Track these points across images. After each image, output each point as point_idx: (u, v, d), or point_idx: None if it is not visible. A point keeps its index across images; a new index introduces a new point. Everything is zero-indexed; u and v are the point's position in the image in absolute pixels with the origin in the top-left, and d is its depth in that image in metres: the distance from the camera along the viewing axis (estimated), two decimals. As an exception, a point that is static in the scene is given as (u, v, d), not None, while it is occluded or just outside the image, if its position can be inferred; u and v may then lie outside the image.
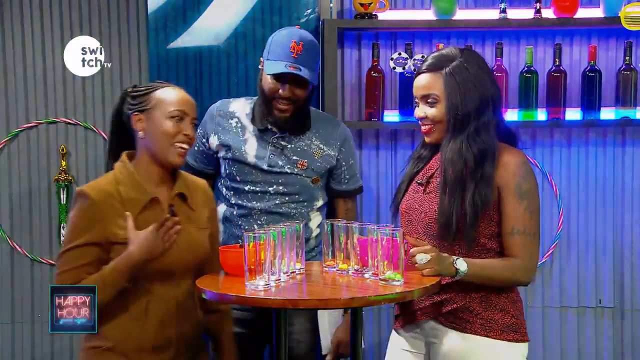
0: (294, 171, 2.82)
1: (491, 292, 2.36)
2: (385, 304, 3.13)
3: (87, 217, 2.25)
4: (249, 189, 2.82)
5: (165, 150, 2.33)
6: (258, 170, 2.82)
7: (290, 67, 2.72)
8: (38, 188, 3.58)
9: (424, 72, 2.41)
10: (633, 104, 3.46)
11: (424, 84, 2.41)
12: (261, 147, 2.83)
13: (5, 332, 3.60)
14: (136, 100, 2.37)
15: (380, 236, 2.17)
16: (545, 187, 3.62)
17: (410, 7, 3.61)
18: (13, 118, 3.56)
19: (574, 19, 3.44)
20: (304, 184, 2.84)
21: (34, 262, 3.59)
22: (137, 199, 2.31)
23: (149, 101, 2.35)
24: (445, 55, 2.40)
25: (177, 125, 2.33)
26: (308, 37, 2.80)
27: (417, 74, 2.45)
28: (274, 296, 2.08)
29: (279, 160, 2.82)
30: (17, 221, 3.58)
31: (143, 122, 2.34)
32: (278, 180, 2.82)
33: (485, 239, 2.36)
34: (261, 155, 2.82)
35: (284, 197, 2.82)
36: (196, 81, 3.54)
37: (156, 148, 2.34)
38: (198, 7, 3.53)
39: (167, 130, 2.32)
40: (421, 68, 2.43)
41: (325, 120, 2.95)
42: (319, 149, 2.86)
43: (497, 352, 2.35)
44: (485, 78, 2.38)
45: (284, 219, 2.77)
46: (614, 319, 3.67)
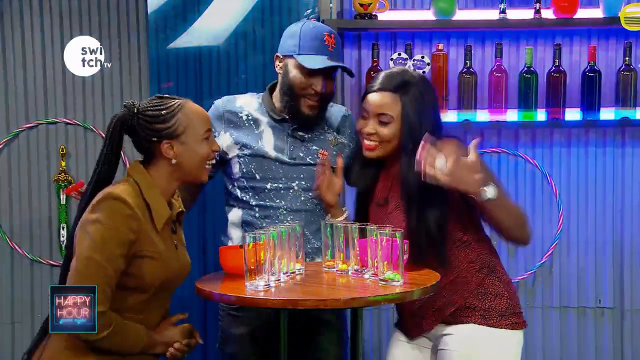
0: (316, 161, 2.68)
1: (483, 280, 2.45)
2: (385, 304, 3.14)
3: (127, 225, 2.18)
4: (271, 187, 2.66)
5: (199, 171, 2.32)
6: (280, 164, 2.66)
7: (330, 61, 2.62)
8: (38, 188, 3.58)
9: (381, 90, 2.47)
10: (633, 104, 3.47)
11: (380, 103, 2.47)
12: (279, 139, 2.68)
13: (5, 332, 3.60)
14: (160, 126, 2.26)
15: (380, 237, 2.17)
16: (545, 187, 3.63)
17: (410, 8, 3.61)
18: (13, 118, 3.56)
19: (574, 19, 3.44)
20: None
21: (34, 262, 3.59)
22: (162, 214, 2.28)
23: (176, 126, 2.26)
24: (403, 78, 2.47)
25: (208, 145, 2.32)
26: (334, 31, 2.72)
27: (373, 90, 2.50)
28: (273, 296, 2.08)
29: (300, 152, 2.68)
30: (16, 221, 3.58)
31: (174, 149, 2.27)
32: (300, 175, 2.67)
33: (461, 232, 2.45)
34: (281, 148, 2.67)
35: (308, 193, 2.66)
36: (196, 81, 3.54)
37: (190, 171, 2.31)
38: (198, 7, 3.53)
39: (204, 154, 2.31)
40: (376, 85, 2.49)
41: (332, 108, 2.83)
42: (334, 137, 2.76)
43: (497, 340, 2.43)
44: (436, 105, 2.49)
45: (310, 215, 2.66)
46: (614, 319, 3.67)
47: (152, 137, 2.26)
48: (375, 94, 2.48)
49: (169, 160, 2.28)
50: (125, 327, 2.21)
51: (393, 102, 2.45)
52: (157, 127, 2.26)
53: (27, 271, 3.59)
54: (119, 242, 2.16)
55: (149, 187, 2.26)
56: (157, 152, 2.28)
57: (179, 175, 2.31)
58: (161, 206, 2.27)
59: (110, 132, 2.30)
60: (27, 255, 3.58)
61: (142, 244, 2.21)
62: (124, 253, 2.17)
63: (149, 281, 2.23)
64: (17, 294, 3.59)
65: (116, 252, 2.15)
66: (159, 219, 2.25)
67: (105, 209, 2.17)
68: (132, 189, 2.23)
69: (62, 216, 3.55)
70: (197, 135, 2.29)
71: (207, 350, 3.58)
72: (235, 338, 2.71)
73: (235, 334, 2.71)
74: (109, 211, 2.17)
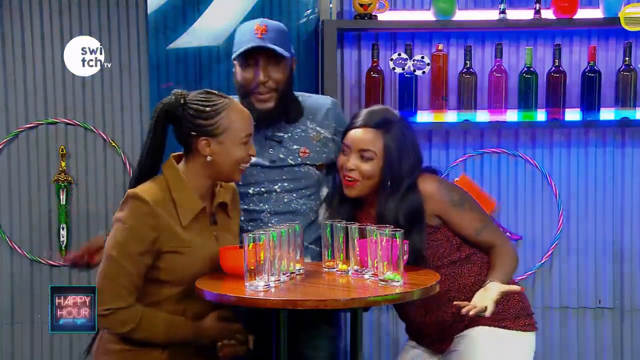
0: (297, 161, 2.68)
1: None
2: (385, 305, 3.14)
3: (146, 223, 2.22)
4: (254, 191, 2.67)
5: (232, 172, 2.34)
6: (260, 168, 2.66)
7: (256, 42, 2.56)
8: (38, 188, 3.58)
9: (364, 126, 2.50)
10: (632, 104, 3.46)
11: (364, 139, 2.50)
12: (257, 144, 2.59)
13: (5, 332, 3.60)
14: (201, 122, 2.29)
15: (380, 237, 2.17)
16: (545, 187, 3.63)
17: (410, 8, 3.61)
18: (13, 118, 3.56)
19: (574, 19, 3.44)
20: (309, 174, 2.70)
21: (34, 263, 3.59)
22: (190, 207, 2.30)
23: (217, 125, 2.28)
24: (385, 116, 2.52)
25: (246, 149, 2.34)
26: (272, 21, 2.67)
27: (356, 126, 2.52)
28: (273, 297, 2.08)
29: (280, 154, 2.68)
30: (16, 222, 3.58)
31: (211, 146, 2.29)
32: (282, 177, 2.68)
33: (457, 252, 2.50)
34: (260, 152, 2.64)
35: (291, 194, 2.68)
36: (196, 81, 3.54)
37: (223, 170, 2.33)
38: (198, 7, 3.53)
39: (239, 157, 2.32)
40: (359, 121, 2.52)
41: (316, 102, 2.79)
42: (316, 132, 2.72)
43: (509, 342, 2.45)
44: (416, 143, 2.54)
45: (295, 216, 2.66)
46: (614, 320, 3.67)
47: (192, 131, 2.29)
48: (359, 130, 2.51)
49: (204, 157, 2.30)
50: (155, 320, 2.26)
51: (375, 138, 2.48)
52: (198, 122, 2.29)
53: (27, 271, 3.59)
54: (139, 241, 2.22)
55: (177, 182, 2.30)
56: (194, 147, 2.31)
57: (211, 173, 2.33)
58: (189, 201, 2.30)
59: (155, 119, 2.33)
60: (27, 255, 3.57)
61: (166, 240, 2.25)
62: (146, 250, 2.23)
63: (179, 274, 2.28)
64: (17, 294, 3.59)
65: (136, 250, 2.22)
66: (186, 214, 2.29)
67: (126, 208, 2.24)
68: (158, 186, 2.29)
69: (62, 216, 3.55)
70: (236, 138, 2.30)
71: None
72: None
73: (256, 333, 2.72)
74: (129, 210, 2.23)
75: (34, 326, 3.60)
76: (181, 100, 2.30)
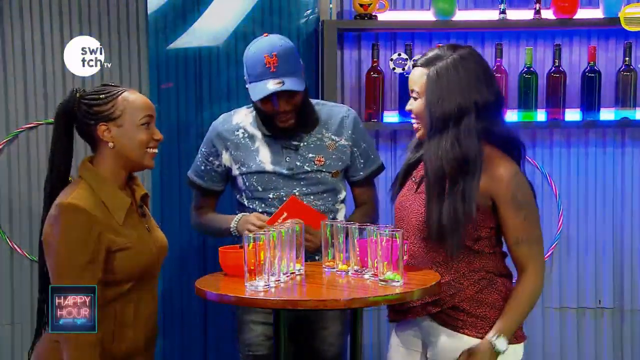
0: (313, 168, 2.76)
1: (481, 290, 2.37)
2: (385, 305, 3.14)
3: (89, 231, 2.18)
4: (274, 196, 2.76)
5: (140, 157, 2.31)
6: (278, 176, 2.76)
7: (273, 84, 2.63)
8: (38, 188, 3.58)
9: (415, 66, 2.42)
10: (632, 104, 3.47)
11: (411, 78, 2.42)
12: (274, 152, 2.77)
13: (5, 332, 3.60)
14: (97, 109, 2.28)
15: (380, 237, 2.17)
16: (545, 187, 3.63)
17: (410, 8, 3.62)
18: (13, 118, 3.56)
19: (574, 19, 3.44)
20: (325, 181, 2.79)
21: (34, 263, 3.58)
22: (120, 204, 2.28)
23: (113, 109, 2.28)
24: (438, 53, 2.38)
25: (147, 132, 2.31)
26: (278, 43, 2.69)
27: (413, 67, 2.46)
28: (273, 297, 2.08)
29: (296, 161, 2.76)
30: (16, 222, 3.58)
31: (111, 132, 2.28)
32: (300, 183, 2.76)
33: (471, 242, 2.36)
34: (278, 161, 2.76)
35: (309, 197, 2.76)
36: (196, 82, 3.54)
37: (130, 155, 2.30)
38: (198, 7, 3.53)
39: (141, 140, 2.29)
40: (416, 62, 2.44)
41: (332, 110, 2.86)
42: (332, 140, 2.80)
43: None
44: (476, 82, 2.32)
45: None
46: (614, 320, 3.67)
47: (90, 120, 2.28)
48: (412, 71, 2.44)
49: (109, 147, 2.28)
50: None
51: (420, 77, 2.37)
52: (95, 110, 2.28)
53: (27, 271, 3.59)
54: (84, 251, 2.17)
55: (99, 183, 2.27)
56: (97, 138, 2.29)
57: (122, 162, 2.30)
58: (117, 199, 2.28)
59: (55, 120, 2.34)
60: (27, 256, 3.57)
61: (111, 240, 2.22)
62: (95, 257, 2.18)
63: (128, 271, 2.25)
64: (17, 294, 3.59)
65: (84, 261, 2.16)
66: (118, 212, 2.26)
67: (61, 222, 2.17)
68: (84, 190, 2.24)
69: (62, 216, 3.55)
70: (134, 119, 2.28)
71: (207, 350, 3.59)
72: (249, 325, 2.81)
73: (249, 320, 2.81)
74: (65, 224, 2.17)
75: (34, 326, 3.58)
76: (76, 95, 2.31)
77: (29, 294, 3.59)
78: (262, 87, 2.65)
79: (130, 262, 2.25)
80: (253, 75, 2.70)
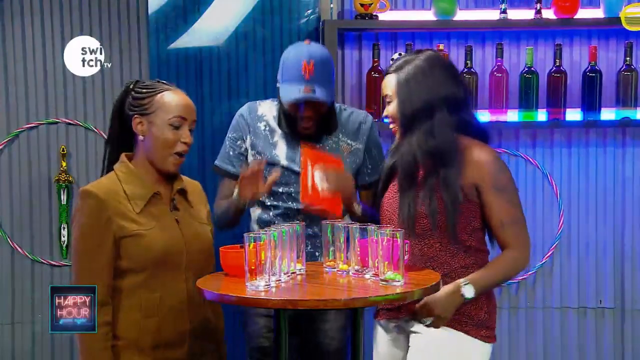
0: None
1: None
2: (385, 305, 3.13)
3: (97, 216, 2.26)
4: (284, 191, 2.78)
5: (163, 158, 2.35)
6: (291, 173, 2.77)
7: (304, 91, 2.65)
8: (38, 188, 3.58)
9: (388, 74, 2.52)
10: (633, 104, 3.47)
11: (384, 85, 2.54)
12: (291, 149, 2.79)
13: (5, 332, 3.59)
14: (138, 102, 2.36)
15: (381, 237, 2.17)
16: (546, 187, 3.63)
17: (410, 8, 3.61)
18: (13, 118, 3.56)
19: (575, 19, 3.44)
20: None
21: (34, 263, 3.58)
22: (141, 194, 2.33)
23: (150, 105, 2.34)
24: (406, 58, 2.50)
25: (176, 133, 2.34)
26: (318, 53, 2.72)
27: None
28: (274, 297, 2.08)
29: None
30: (17, 222, 3.58)
31: (144, 126, 2.35)
32: None
33: (466, 235, 2.43)
34: (292, 157, 2.78)
35: None
36: (196, 82, 3.55)
37: (154, 154, 2.35)
38: (198, 7, 3.53)
39: (166, 139, 2.33)
40: (388, 71, 2.54)
41: (350, 115, 2.88)
42: (347, 144, 2.83)
43: (467, 347, 2.43)
44: (444, 79, 2.44)
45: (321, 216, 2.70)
46: (615, 320, 3.66)
47: (131, 111, 2.37)
48: (384, 79, 2.54)
49: (143, 144, 2.36)
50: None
51: (390, 81, 2.49)
52: (136, 102, 2.37)
53: (27, 271, 3.59)
54: (92, 234, 2.26)
55: (126, 174, 2.35)
56: (133, 130, 2.37)
57: (149, 158, 2.36)
58: (138, 189, 2.33)
59: (113, 111, 2.46)
60: (27, 255, 3.57)
61: (119, 226, 2.27)
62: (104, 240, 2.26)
63: (140, 259, 2.28)
64: (17, 294, 3.59)
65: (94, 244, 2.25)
66: (137, 201, 2.32)
67: (77, 207, 2.32)
68: (107, 179, 2.36)
69: (63, 216, 3.55)
70: (165, 118, 2.33)
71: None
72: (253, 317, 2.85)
73: (253, 313, 2.85)
74: (81, 207, 2.30)
75: (34, 326, 3.59)
76: (130, 86, 2.41)
77: (29, 294, 3.59)
78: (293, 90, 2.68)
79: (139, 249, 2.28)
80: (287, 77, 2.71)
